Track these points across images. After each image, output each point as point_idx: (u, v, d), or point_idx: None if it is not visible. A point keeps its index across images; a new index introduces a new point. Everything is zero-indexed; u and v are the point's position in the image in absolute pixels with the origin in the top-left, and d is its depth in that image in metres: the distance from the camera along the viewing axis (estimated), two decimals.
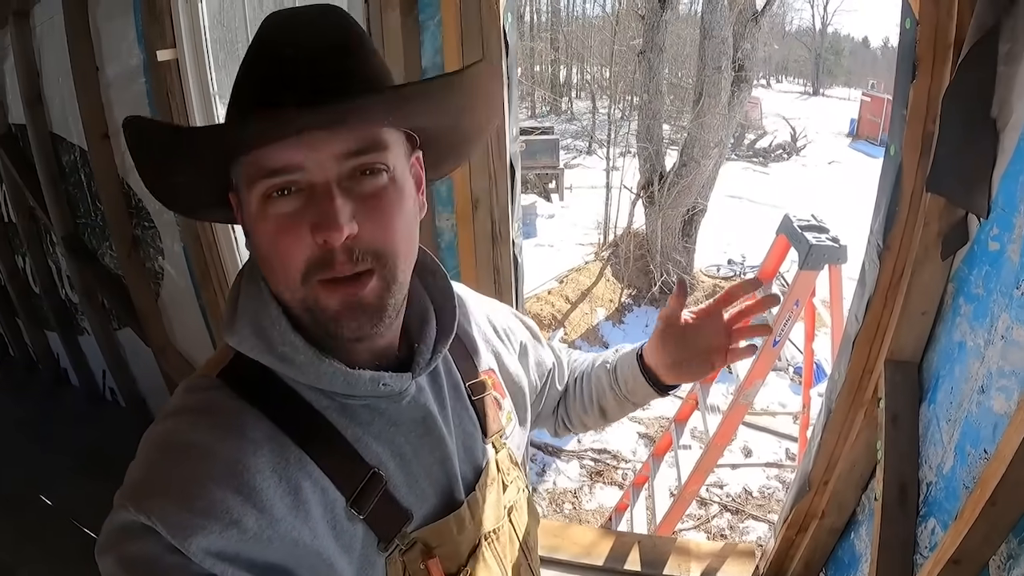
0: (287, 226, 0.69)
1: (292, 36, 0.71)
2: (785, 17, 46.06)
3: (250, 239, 0.76)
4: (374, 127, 0.71)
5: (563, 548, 2.84)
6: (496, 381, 0.99)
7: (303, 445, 0.73)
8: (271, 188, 0.69)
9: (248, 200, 0.71)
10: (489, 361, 1.01)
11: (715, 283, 10.02)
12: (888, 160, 1.67)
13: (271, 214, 0.70)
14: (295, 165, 0.68)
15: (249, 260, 0.81)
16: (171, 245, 3.67)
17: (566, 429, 1.33)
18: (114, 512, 0.67)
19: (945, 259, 1.54)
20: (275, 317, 0.75)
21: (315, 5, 0.73)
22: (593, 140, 18.78)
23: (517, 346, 1.10)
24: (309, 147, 0.67)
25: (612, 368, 1.21)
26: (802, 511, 2.15)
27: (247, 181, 0.71)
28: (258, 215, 0.71)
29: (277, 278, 0.73)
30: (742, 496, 5.69)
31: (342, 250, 0.69)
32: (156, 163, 0.73)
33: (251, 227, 0.74)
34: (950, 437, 1.48)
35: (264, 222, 0.70)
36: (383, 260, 0.72)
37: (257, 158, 0.68)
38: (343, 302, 0.71)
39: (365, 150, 0.70)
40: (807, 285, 3.35)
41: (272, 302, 0.76)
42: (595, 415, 1.25)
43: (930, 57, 1.48)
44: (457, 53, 2.06)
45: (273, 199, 0.69)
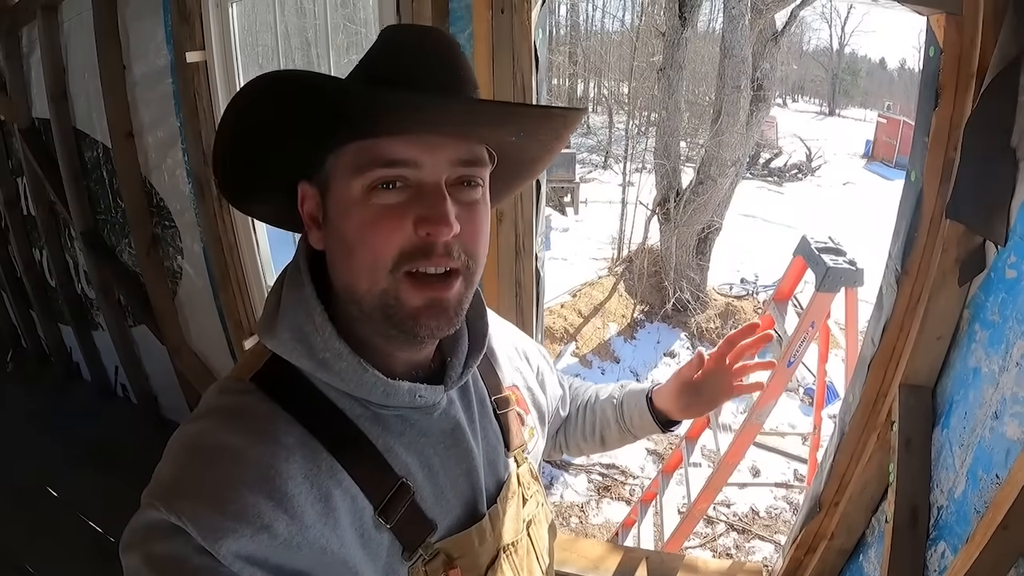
0: (389, 214, 0.71)
1: (424, 40, 0.75)
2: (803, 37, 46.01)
3: (330, 229, 0.76)
4: (480, 142, 0.76)
5: (571, 561, 2.84)
6: (520, 397, 1.01)
7: (334, 452, 0.73)
8: (382, 178, 0.71)
9: (347, 187, 0.72)
10: (513, 378, 1.03)
11: (728, 301, 9.98)
12: (909, 186, 1.68)
13: (374, 202, 0.71)
14: (413, 160, 0.71)
15: (293, 265, 0.82)
16: (191, 245, 3.70)
17: (559, 452, 1.36)
18: (142, 510, 0.67)
19: (962, 285, 1.55)
20: (320, 323, 0.75)
21: (422, 26, 0.78)
22: (609, 155, 18.82)
23: (535, 370, 1.12)
24: (429, 147, 0.71)
25: (619, 403, 1.25)
26: (811, 531, 2.15)
27: (354, 167, 0.72)
28: (359, 202, 0.72)
29: (359, 267, 0.73)
30: (749, 516, 5.66)
31: (442, 244, 0.72)
32: (261, 124, 0.72)
33: (341, 215, 0.74)
34: (962, 462, 1.49)
35: (364, 209, 0.71)
36: (472, 264, 0.76)
37: (376, 145, 0.70)
38: (428, 300, 0.73)
39: (472, 162, 0.74)
40: (823, 307, 3.34)
41: (318, 308, 0.76)
42: (595, 443, 1.29)
43: (953, 85, 1.50)
44: (488, 67, 2.07)
45: (378, 190, 0.71)
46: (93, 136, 4.00)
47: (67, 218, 4.47)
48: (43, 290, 5.50)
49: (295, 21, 14.40)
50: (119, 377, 5.08)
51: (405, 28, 0.80)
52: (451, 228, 0.71)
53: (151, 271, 3.95)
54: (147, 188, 3.75)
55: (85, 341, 5.18)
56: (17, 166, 5.05)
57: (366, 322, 0.77)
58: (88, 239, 4.33)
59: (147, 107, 3.50)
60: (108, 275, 4.37)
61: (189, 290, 3.93)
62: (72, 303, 5.10)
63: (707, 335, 9.29)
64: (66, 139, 4.11)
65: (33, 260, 5.47)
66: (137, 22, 3.29)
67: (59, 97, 4.01)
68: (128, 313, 4.56)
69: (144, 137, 3.61)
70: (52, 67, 3.94)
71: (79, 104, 4.00)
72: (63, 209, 4.42)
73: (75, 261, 4.94)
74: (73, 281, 5.08)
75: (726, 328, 9.30)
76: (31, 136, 4.53)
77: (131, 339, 4.64)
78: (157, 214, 3.82)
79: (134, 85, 3.49)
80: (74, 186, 4.21)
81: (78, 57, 3.80)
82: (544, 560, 0.99)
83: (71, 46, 3.85)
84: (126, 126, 3.58)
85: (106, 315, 4.61)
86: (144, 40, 3.28)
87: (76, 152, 4.17)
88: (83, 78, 3.79)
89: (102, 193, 4.19)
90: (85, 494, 3.66)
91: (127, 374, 4.80)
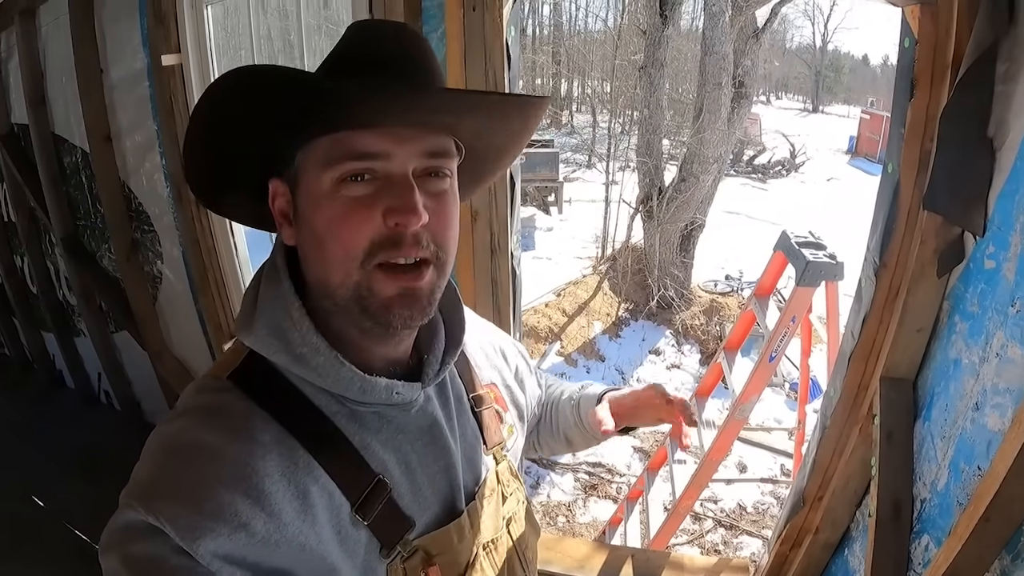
0: (358, 207, 0.71)
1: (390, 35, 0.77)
2: (785, 34, 46.41)
3: (301, 224, 0.76)
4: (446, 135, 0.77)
5: (556, 561, 2.83)
6: (498, 395, 1.01)
7: (311, 450, 0.73)
8: (351, 171, 0.71)
9: (317, 181, 0.72)
10: (491, 376, 1.03)
11: (712, 298, 10.01)
12: (886, 177, 1.68)
13: (343, 195, 0.71)
14: (382, 153, 0.71)
15: (269, 261, 0.81)
16: (170, 249, 3.68)
17: (535, 451, 1.34)
18: (120, 511, 0.66)
19: (941, 277, 1.54)
20: (297, 318, 0.75)
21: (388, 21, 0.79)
22: (593, 154, 18.83)
23: (514, 368, 1.12)
24: (398, 139, 0.71)
25: (575, 405, 1.22)
26: (796, 526, 2.14)
27: (323, 161, 0.72)
28: (328, 195, 0.72)
29: (331, 260, 0.73)
30: (736, 511, 5.68)
31: (411, 235, 0.72)
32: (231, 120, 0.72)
33: (311, 209, 0.74)
34: (944, 454, 1.48)
35: (333, 202, 0.72)
36: (442, 253, 0.76)
37: (346, 139, 0.71)
38: (401, 289, 0.74)
39: (440, 153, 0.75)
40: (804, 301, 3.35)
41: (296, 303, 0.76)
42: (562, 443, 1.27)
43: (928, 76, 1.49)
44: (460, 66, 2.07)
45: (347, 182, 0.71)
46: (72, 141, 3.98)
47: (47, 224, 4.44)
48: (25, 297, 5.46)
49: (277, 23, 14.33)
50: (102, 384, 5.05)
51: (371, 24, 0.81)
52: (419, 217, 0.71)
53: (131, 276, 3.93)
54: (126, 193, 3.73)
55: (67, 348, 5.14)
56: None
57: (341, 315, 0.76)
58: (68, 245, 4.31)
59: (125, 111, 3.48)
60: (89, 281, 4.34)
61: (169, 294, 3.91)
62: (54, 310, 5.07)
63: (692, 332, 9.33)
64: (45, 144, 4.09)
65: (14, 267, 5.44)
66: (114, 25, 3.27)
67: (37, 102, 4.00)
68: (110, 319, 4.52)
69: (122, 141, 3.59)
70: (30, 72, 3.92)
71: (57, 109, 3.98)
72: (43, 215, 4.39)
73: (56, 267, 4.91)
74: (55, 287, 5.05)
75: (711, 325, 9.33)
76: (10, 142, 4.51)
77: (113, 345, 4.61)
78: (136, 219, 3.80)
79: (111, 89, 3.47)
80: (53, 192, 4.18)
81: (56, 61, 3.77)
82: (525, 558, 0.98)
83: (49, 51, 3.84)
84: (104, 130, 3.56)
85: (88, 321, 4.58)
86: (121, 43, 3.26)
87: (55, 157, 4.15)
88: (61, 82, 3.77)
89: (81, 198, 4.17)
90: (70, 501, 3.62)
91: (110, 380, 4.77)
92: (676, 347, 9.20)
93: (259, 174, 0.79)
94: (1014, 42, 1.27)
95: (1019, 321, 1.24)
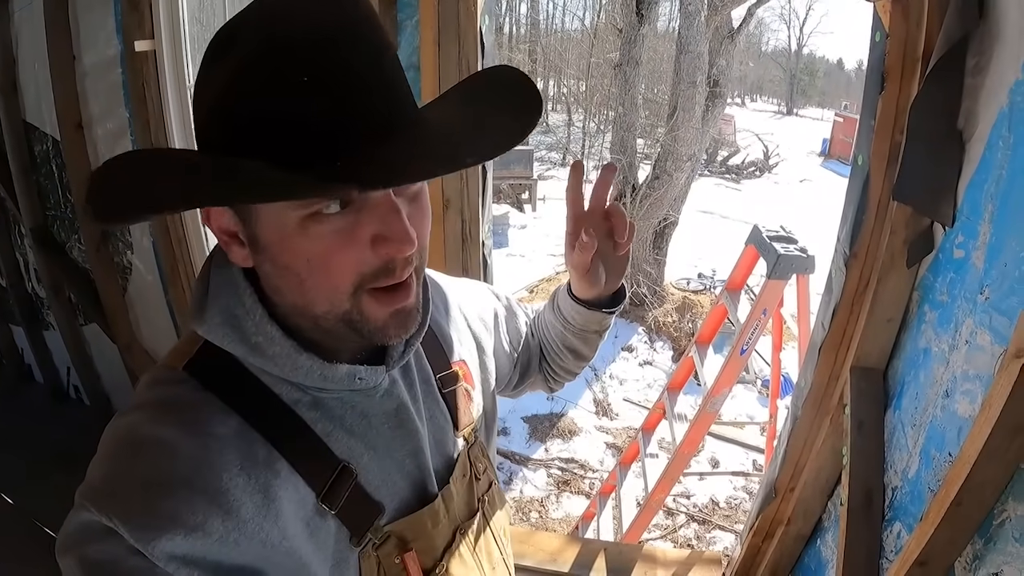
0: (340, 242, 0.64)
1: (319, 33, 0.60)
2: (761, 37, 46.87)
3: (265, 255, 0.68)
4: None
5: (529, 555, 2.83)
6: (467, 372, 0.98)
7: (272, 441, 0.70)
8: (323, 207, 0.63)
9: (278, 217, 0.64)
10: (461, 351, 0.99)
11: (685, 296, 10.07)
12: (856, 170, 1.70)
13: (319, 230, 0.63)
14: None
15: (219, 246, 0.75)
16: (140, 239, 3.62)
17: (556, 382, 1.28)
18: (75, 511, 0.64)
19: (911, 267, 1.57)
20: (250, 306, 0.72)
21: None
22: (568, 152, 18.88)
23: (491, 324, 1.09)
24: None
25: (556, 308, 1.15)
26: (768, 518, 2.16)
27: (279, 208, 0.63)
28: (298, 232, 0.63)
29: (314, 294, 0.68)
30: (709, 506, 5.72)
31: (403, 259, 0.67)
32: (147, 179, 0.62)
33: (279, 245, 0.66)
34: (915, 442, 1.50)
35: (306, 240, 0.64)
36: (423, 257, 0.73)
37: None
38: (392, 312, 0.70)
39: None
40: (775, 294, 3.38)
41: (248, 291, 0.72)
42: (569, 357, 1.20)
43: (899, 69, 1.51)
44: (434, 53, 2.06)
45: (320, 215, 0.63)
46: (43, 129, 3.89)
47: (16, 215, 4.35)
48: None
49: None
50: (71, 378, 4.98)
51: (294, 14, 0.60)
52: (413, 243, 0.65)
53: (101, 267, 3.86)
54: None
55: (36, 342, 5.05)
56: None
57: (320, 330, 0.72)
58: (38, 235, 4.22)
59: (96, 98, 3.41)
60: (58, 273, 4.27)
61: (139, 286, 3.85)
62: (22, 302, 4.97)
63: (664, 329, 9.37)
64: (15, 132, 3.99)
65: None
66: (88, 12, 3.21)
67: (8, 90, 3.89)
68: (79, 311, 4.45)
69: (94, 129, 3.51)
70: (2, 59, 3.82)
71: (29, 96, 3.89)
72: (12, 205, 4.30)
73: (25, 259, 4.82)
74: (24, 280, 4.95)
75: (683, 322, 9.39)
76: None
77: (82, 338, 4.54)
78: None
79: (84, 75, 3.40)
80: (23, 181, 4.09)
81: (28, 48, 3.70)
82: (502, 540, 0.98)
83: (21, 36, 3.75)
84: (75, 117, 3.49)
85: (56, 314, 4.50)
86: (94, 30, 3.21)
87: (26, 145, 4.05)
88: (33, 69, 3.69)
89: (52, 188, 4.08)
90: (40, 498, 3.54)
91: (79, 374, 4.70)
92: (648, 344, 9.24)
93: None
94: (983, 36, 1.29)
95: (988, 308, 1.26)
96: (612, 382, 8.18)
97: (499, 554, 0.96)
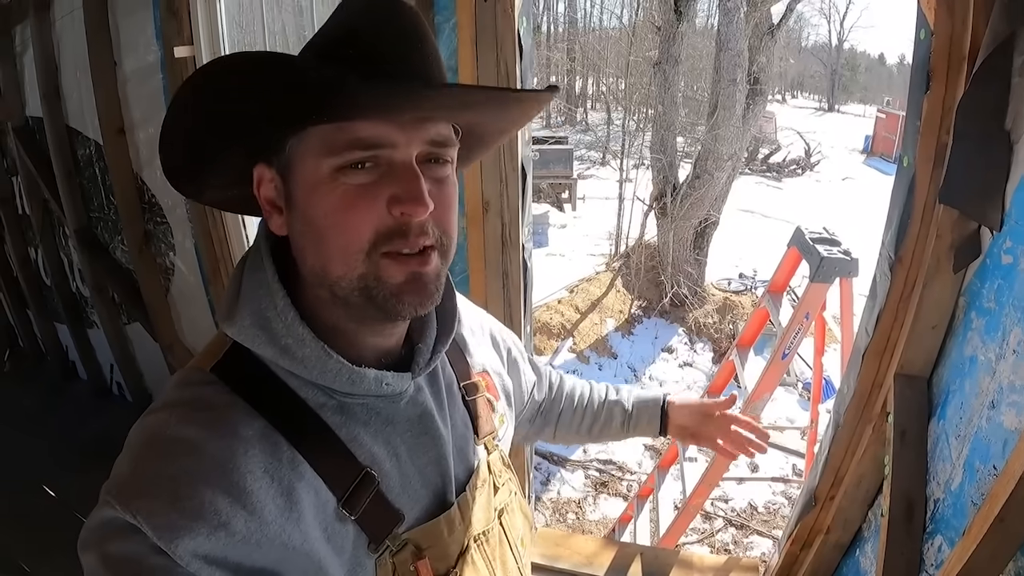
0: (361, 196, 0.68)
1: (392, 14, 0.71)
2: (801, 32, 46.23)
3: (295, 214, 0.73)
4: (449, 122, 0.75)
5: (564, 557, 2.82)
6: (490, 383, 0.99)
7: (296, 444, 0.71)
8: (353, 160, 0.68)
9: (316, 168, 0.69)
10: (483, 362, 1.01)
11: (726, 296, 9.96)
12: (901, 171, 1.65)
13: (344, 183, 0.68)
14: (387, 141, 0.68)
15: (253, 248, 0.78)
16: (182, 241, 3.69)
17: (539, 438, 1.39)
18: (98, 507, 0.65)
19: (957, 272, 1.52)
20: (282, 308, 0.72)
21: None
22: (608, 151, 18.78)
23: (505, 355, 1.11)
24: (402, 127, 0.68)
25: (631, 413, 1.34)
26: (807, 526, 2.12)
27: (323, 149, 0.68)
28: (326, 183, 0.68)
29: (332, 251, 0.70)
30: (747, 511, 5.65)
31: (417, 224, 0.70)
32: (217, 112, 0.69)
33: (308, 199, 0.70)
34: (959, 453, 1.46)
35: (332, 192, 0.68)
36: (445, 239, 0.74)
37: (347, 126, 0.67)
38: (409, 275, 0.71)
39: (443, 142, 0.73)
40: (817, 298, 3.31)
41: (280, 292, 0.73)
42: (586, 438, 1.37)
43: (944, 68, 1.47)
44: (471, 56, 2.05)
45: (348, 170, 0.68)
46: (85, 133, 3.99)
47: (61, 216, 4.47)
48: (38, 289, 5.50)
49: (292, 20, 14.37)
50: (114, 375, 5.08)
51: (368, 3, 0.72)
52: (427, 207, 0.68)
53: (144, 268, 3.94)
54: (139, 185, 3.74)
55: (80, 339, 5.17)
56: (12, 165, 5.06)
57: (339, 306, 0.74)
58: (82, 237, 4.33)
59: (138, 103, 3.48)
60: (102, 273, 4.36)
61: (181, 286, 3.92)
62: (67, 301, 5.10)
63: (704, 330, 9.28)
64: (59, 137, 4.10)
65: (28, 259, 5.48)
66: (127, 17, 3.27)
67: (51, 95, 4.01)
68: (122, 311, 4.54)
69: (135, 133, 3.59)
70: (44, 65, 3.93)
71: (71, 102, 4.00)
72: (57, 207, 4.42)
73: (69, 259, 4.94)
74: (68, 279, 5.08)
75: (724, 323, 9.29)
76: (25, 134, 4.53)
77: (125, 336, 4.63)
78: (149, 211, 3.81)
79: (125, 81, 3.47)
80: (67, 184, 4.20)
81: (70, 54, 3.79)
82: (518, 550, 0.97)
83: (63, 44, 3.85)
84: (117, 122, 3.57)
85: (100, 313, 4.60)
86: (134, 35, 3.27)
87: (69, 150, 4.16)
88: (75, 75, 3.79)
89: (95, 191, 4.19)
90: (81, 492, 3.63)
91: (122, 372, 4.80)
92: (689, 345, 9.16)
93: (244, 160, 0.75)
94: None
95: None
96: (652, 383, 8.11)
97: (514, 563, 0.95)
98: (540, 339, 8.89)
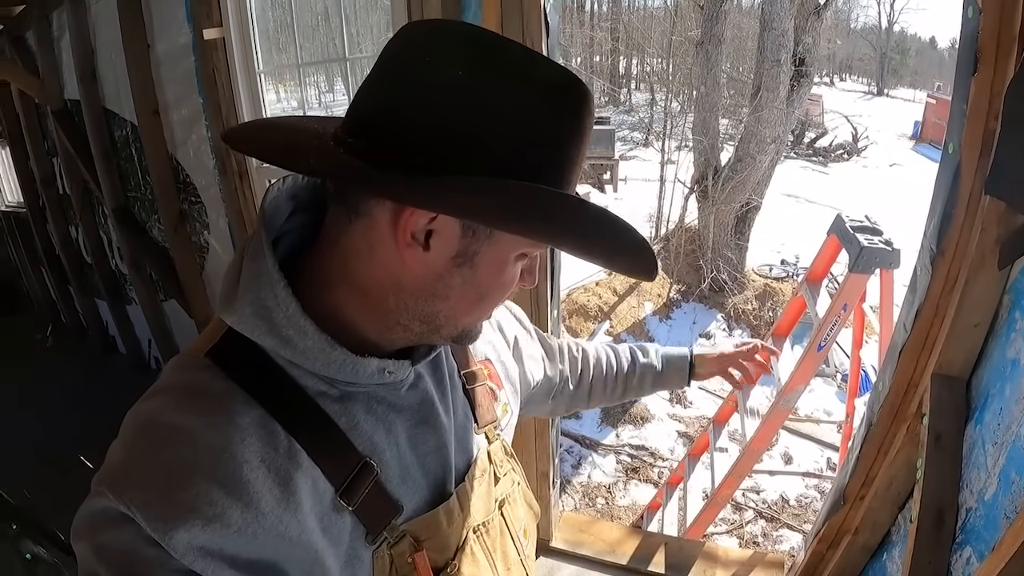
0: (517, 278, 0.77)
1: (585, 114, 0.71)
2: (850, 14, 45.14)
3: (461, 271, 0.71)
4: None
5: (588, 543, 2.80)
6: (493, 372, 0.98)
7: (294, 433, 0.69)
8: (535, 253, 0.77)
9: (509, 249, 0.72)
10: (485, 351, 1.00)
11: (766, 283, 9.78)
12: (946, 159, 1.56)
13: (518, 266, 0.76)
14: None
15: (254, 237, 0.74)
16: (216, 220, 3.74)
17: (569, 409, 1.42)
18: (91, 497, 0.64)
19: (1003, 268, 1.43)
20: (283, 298, 0.69)
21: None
22: (651, 132, 18.56)
23: (511, 341, 1.09)
24: None
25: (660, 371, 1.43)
26: (835, 526, 2.06)
27: (525, 243, 0.73)
28: (510, 265, 0.74)
29: (478, 311, 0.77)
30: (778, 504, 5.55)
31: None
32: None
33: (490, 267, 0.72)
34: (995, 461, 1.38)
35: (511, 271, 0.75)
36: None
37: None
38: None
39: None
40: (857, 288, 3.20)
41: (281, 283, 0.70)
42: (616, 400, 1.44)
43: (993, 48, 1.37)
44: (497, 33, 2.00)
45: (529, 255, 0.76)
46: (121, 115, 4.10)
47: (99, 196, 4.56)
48: (79, 266, 5.64)
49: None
50: (152, 350, 5.19)
51: (571, 92, 0.70)
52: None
53: (179, 246, 4.02)
54: (174, 165, 3.81)
55: (119, 315, 5.30)
56: (52, 147, 5.18)
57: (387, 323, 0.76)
58: (119, 216, 4.43)
59: (171, 85, 3.55)
60: (139, 251, 4.47)
61: (216, 264, 3.99)
62: (107, 278, 5.23)
63: (743, 316, 9.14)
64: (96, 119, 4.22)
65: (69, 237, 5.63)
66: (159, 1, 3.34)
67: (88, 78, 4.13)
68: (159, 287, 4.62)
69: (169, 114, 3.67)
70: (81, 49, 4.05)
71: (107, 84, 4.10)
72: (95, 187, 4.52)
73: (108, 237, 5.05)
74: (107, 257, 5.20)
75: (763, 310, 9.13)
76: (63, 117, 4.67)
77: (162, 312, 4.73)
78: (184, 190, 3.87)
79: (158, 64, 3.55)
80: (105, 164, 4.31)
81: (105, 38, 3.88)
82: (521, 541, 0.96)
83: (99, 28, 3.95)
84: (152, 104, 3.65)
85: (138, 290, 4.71)
86: (166, 19, 3.33)
87: (106, 131, 4.28)
88: (110, 58, 3.88)
89: (132, 171, 4.28)
90: None
91: (159, 347, 4.91)
92: (727, 331, 9.03)
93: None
94: None
95: None
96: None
97: (516, 555, 0.94)
98: (577, 321, 8.84)
